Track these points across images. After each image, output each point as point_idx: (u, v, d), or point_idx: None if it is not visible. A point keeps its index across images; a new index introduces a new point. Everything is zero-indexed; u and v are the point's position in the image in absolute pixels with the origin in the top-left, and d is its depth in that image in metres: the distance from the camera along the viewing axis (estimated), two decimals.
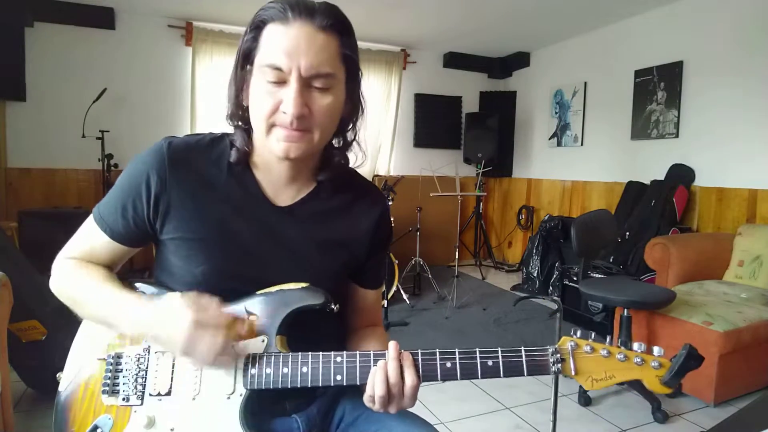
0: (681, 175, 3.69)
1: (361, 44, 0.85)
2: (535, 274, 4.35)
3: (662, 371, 0.73)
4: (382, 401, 0.77)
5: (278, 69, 0.76)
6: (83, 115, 3.91)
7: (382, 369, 0.77)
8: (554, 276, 4.17)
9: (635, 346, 0.75)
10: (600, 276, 3.38)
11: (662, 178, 3.80)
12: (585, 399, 2.38)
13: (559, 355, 0.76)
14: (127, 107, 4.34)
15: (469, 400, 2.41)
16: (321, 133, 0.82)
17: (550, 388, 2.19)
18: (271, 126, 0.80)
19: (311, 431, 0.92)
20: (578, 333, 0.78)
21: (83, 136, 3.89)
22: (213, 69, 4.50)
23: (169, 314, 0.77)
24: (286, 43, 0.76)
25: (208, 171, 0.87)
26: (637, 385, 2.38)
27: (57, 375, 0.87)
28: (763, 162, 3.24)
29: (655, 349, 0.75)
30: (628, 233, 3.66)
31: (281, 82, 0.77)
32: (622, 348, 0.76)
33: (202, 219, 0.85)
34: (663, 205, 3.60)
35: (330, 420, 0.96)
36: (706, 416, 2.27)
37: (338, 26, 0.79)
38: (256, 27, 0.79)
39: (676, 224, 3.57)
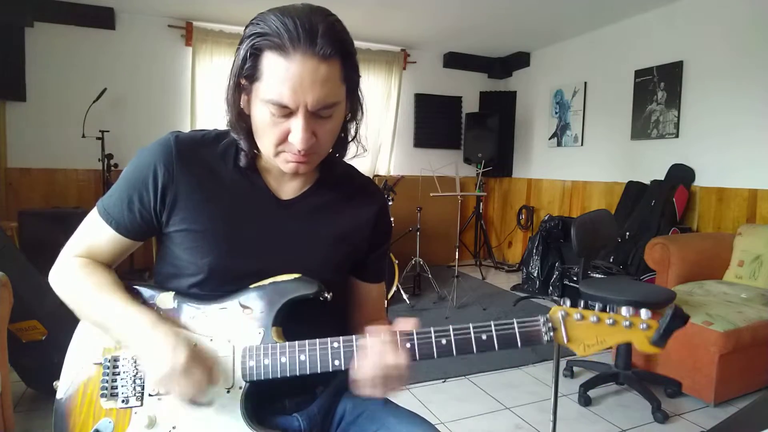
0: (681, 175, 3.69)
1: (360, 44, 0.86)
2: (535, 274, 4.35)
3: (650, 332, 0.75)
4: (372, 382, 0.77)
5: (284, 107, 0.76)
6: (83, 115, 3.91)
7: (372, 348, 0.77)
8: (554, 276, 4.17)
9: (623, 310, 0.77)
10: (600, 276, 3.39)
11: (662, 178, 3.80)
12: (585, 399, 2.38)
13: (550, 324, 0.78)
14: (128, 107, 4.34)
15: (469, 400, 2.41)
16: (326, 149, 0.86)
17: (550, 388, 2.19)
18: (279, 152, 0.81)
19: (312, 430, 0.92)
20: (567, 302, 0.79)
21: (83, 136, 3.89)
22: (213, 69, 4.50)
23: (164, 347, 0.77)
24: (289, 81, 0.73)
25: (215, 164, 0.88)
26: (637, 385, 2.38)
27: (54, 383, 0.86)
28: (764, 162, 3.24)
29: (642, 312, 0.77)
30: (628, 233, 3.66)
31: (287, 114, 0.77)
32: (611, 313, 0.77)
33: (208, 211, 0.86)
34: (663, 205, 3.60)
35: (331, 419, 0.96)
36: (706, 416, 2.27)
37: (340, 51, 0.76)
38: (253, 54, 0.76)
39: (676, 224, 3.57)
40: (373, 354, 0.77)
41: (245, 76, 0.78)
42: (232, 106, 0.82)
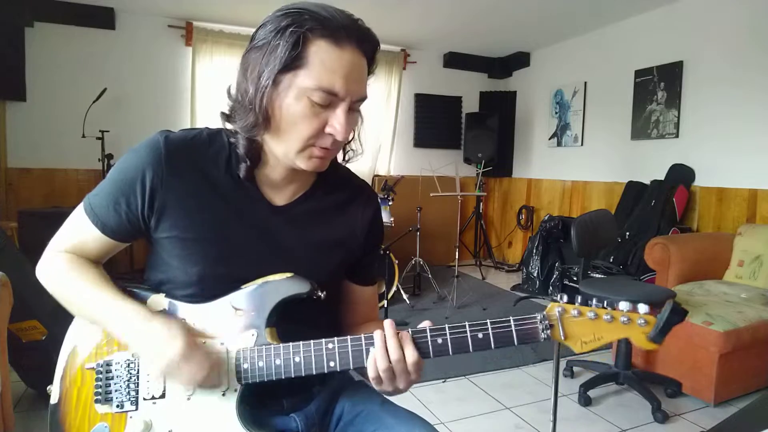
0: (681, 175, 3.69)
1: None
2: (535, 274, 4.35)
3: (648, 328, 0.74)
4: (387, 374, 0.76)
5: (333, 94, 0.76)
6: (83, 115, 3.91)
7: (381, 346, 0.76)
8: (554, 276, 4.17)
9: (621, 305, 0.76)
10: (600, 276, 3.39)
11: (662, 178, 3.80)
12: (585, 399, 2.38)
13: (547, 322, 0.77)
14: (127, 107, 4.34)
15: (469, 400, 2.41)
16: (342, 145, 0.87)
17: (550, 388, 2.19)
18: (309, 145, 0.80)
19: (310, 430, 0.92)
20: (564, 298, 0.78)
21: (83, 136, 3.90)
22: (213, 69, 4.50)
23: (160, 339, 0.77)
24: (343, 70, 0.75)
25: (206, 168, 0.84)
26: (637, 385, 2.38)
27: (48, 388, 0.86)
28: (763, 162, 3.24)
29: (640, 307, 0.75)
30: (628, 233, 3.66)
31: (328, 104, 0.77)
32: (608, 308, 0.76)
33: (199, 218, 0.83)
34: (663, 205, 3.60)
35: (329, 419, 0.96)
36: (706, 416, 2.27)
37: (373, 52, 0.81)
38: (299, 36, 0.73)
39: (676, 224, 3.57)
40: (379, 349, 0.77)
41: (286, 65, 0.74)
42: (259, 105, 0.76)
